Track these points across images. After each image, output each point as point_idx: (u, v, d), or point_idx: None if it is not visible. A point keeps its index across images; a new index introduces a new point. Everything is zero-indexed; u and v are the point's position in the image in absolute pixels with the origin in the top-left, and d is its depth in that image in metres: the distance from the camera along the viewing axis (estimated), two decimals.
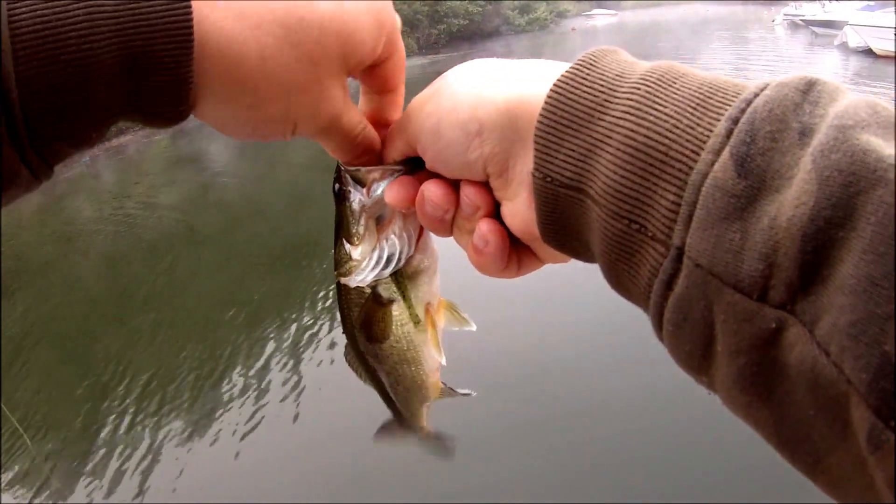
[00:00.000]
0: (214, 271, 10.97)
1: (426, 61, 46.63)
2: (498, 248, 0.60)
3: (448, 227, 0.63)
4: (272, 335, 8.25)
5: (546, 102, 0.50)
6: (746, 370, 0.40)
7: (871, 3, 31.50)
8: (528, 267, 0.64)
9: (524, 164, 0.53)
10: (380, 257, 0.68)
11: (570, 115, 0.49)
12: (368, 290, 0.71)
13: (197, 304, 10.03)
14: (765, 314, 0.38)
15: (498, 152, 0.55)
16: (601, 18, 74.10)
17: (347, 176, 0.68)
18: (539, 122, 0.50)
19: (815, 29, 34.98)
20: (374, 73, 0.66)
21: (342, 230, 0.70)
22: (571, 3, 69.95)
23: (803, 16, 38.24)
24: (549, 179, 0.50)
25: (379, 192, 0.66)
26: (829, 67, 24.87)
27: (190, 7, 0.48)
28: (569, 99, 0.49)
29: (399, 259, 0.68)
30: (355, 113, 0.65)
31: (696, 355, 0.44)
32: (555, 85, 0.50)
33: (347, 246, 0.69)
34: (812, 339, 0.34)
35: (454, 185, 0.62)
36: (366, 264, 0.69)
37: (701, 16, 64.58)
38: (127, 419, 6.95)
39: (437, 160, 0.61)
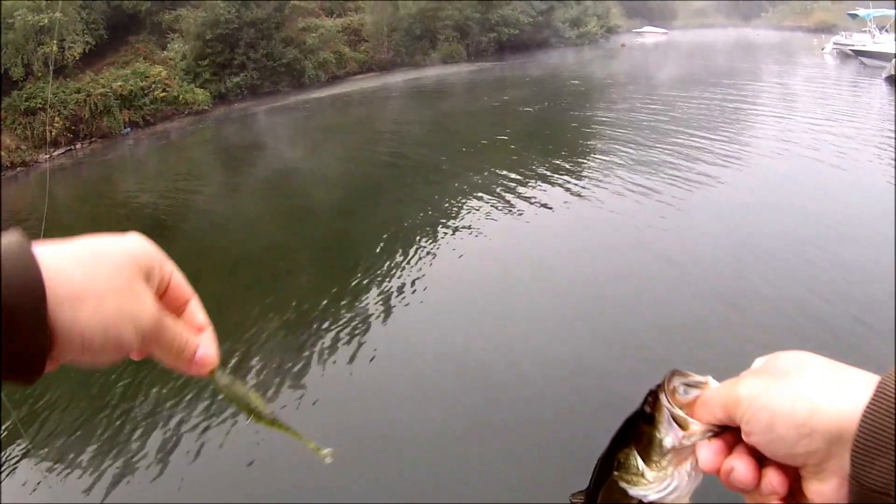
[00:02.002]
0: None
1: (474, 68, 46.84)
2: None
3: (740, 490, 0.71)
4: None
5: (861, 425, 0.58)
6: None
7: None
8: None
9: (841, 461, 0.61)
10: (668, 485, 0.75)
11: (880, 439, 0.57)
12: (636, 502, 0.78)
13: None
14: None
15: (822, 449, 0.62)
16: (651, 36, 73.79)
17: (668, 412, 0.74)
18: (855, 442, 0.59)
19: (864, 60, 34.72)
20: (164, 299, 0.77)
21: (642, 449, 0.76)
22: (622, 19, 69.65)
23: (853, 45, 37.98)
24: (864, 486, 0.58)
25: (689, 442, 0.72)
26: (876, 98, 24.65)
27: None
28: (880, 426, 0.58)
29: (681, 493, 0.75)
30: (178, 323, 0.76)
31: None
32: (866, 411, 0.59)
33: (641, 464, 0.76)
34: None
35: (759, 460, 0.69)
36: (654, 487, 0.76)
37: (750, 39, 64.08)
38: None
39: (761, 445, 0.67)
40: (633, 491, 0.77)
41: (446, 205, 13.95)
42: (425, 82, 41.07)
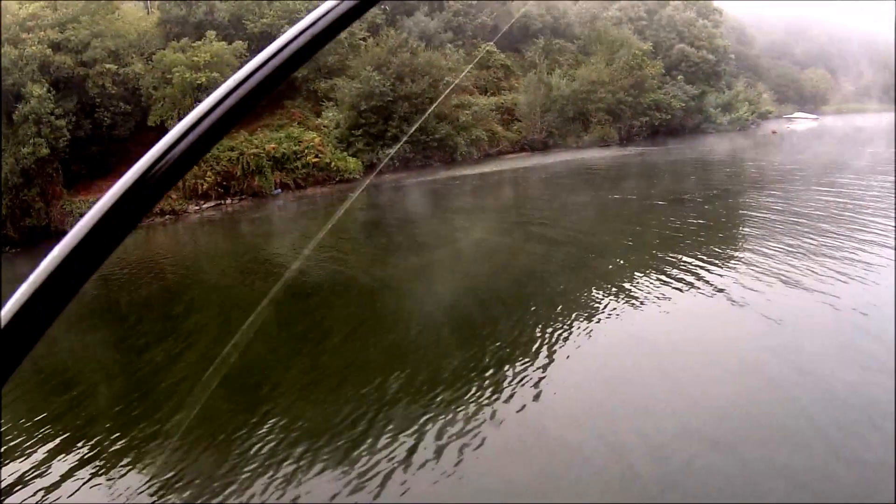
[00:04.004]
0: None
1: (627, 152, 46.01)
2: None
3: None
4: None
5: None
6: None
7: None
8: None
9: None
10: None
11: None
12: None
13: None
14: None
15: None
16: (802, 122, 71.25)
17: None
18: None
19: None
20: None
21: None
22: (773, 105, 67.60)
23: None
24: None
25: None
26: None
27: None
28: None
29: None
30: None
31: None
32: None
33: None
34: None
35: None
36: None
37: None
38: None
39: None
40: None
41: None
42: (576, 165, 40.43)
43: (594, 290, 13.07)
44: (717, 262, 14.55)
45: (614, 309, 11.88)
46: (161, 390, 10.02)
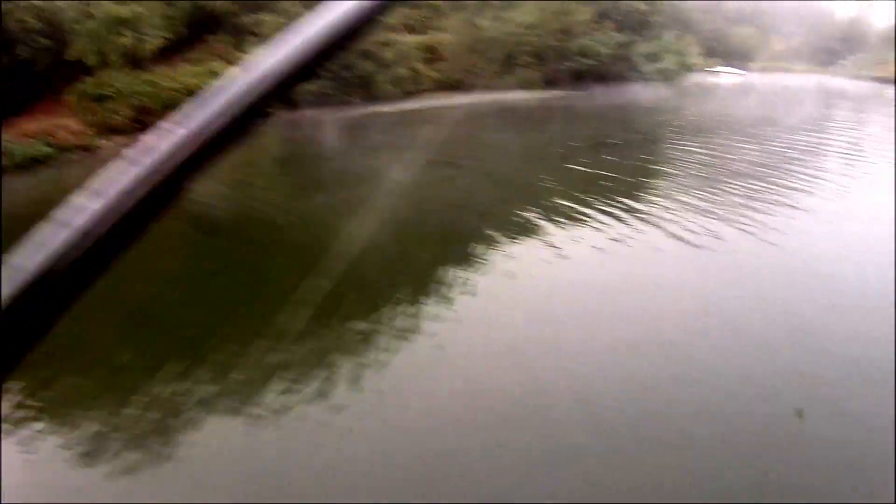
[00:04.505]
0: None
1: (548, 95, 46.57)
2: None
3: None
4: None
5: None
6: None
7: None
8: None
9: None
10: None
11: None
12: None
13: None
14: None
15: None
16: (728, 76, 72.79)
17: None
18: None
19: None
20: None
21: None
22: (700, 58, 68.50)
23: None
24: None
25: None
26: None
27: None
28: None
29: None
30: None
31: None
32: None
33: None
34: None
35: None
36: None
37: (825, 86, 64.63)
38: None
39: None
40: None
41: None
42: (498, 106, 40.85)
43: (513, 231, 13.43)
44: (637, 203, 15.16)
45: (531, 249, 12.31)
46: None
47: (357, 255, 11.87)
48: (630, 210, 14.58)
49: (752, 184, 17.21)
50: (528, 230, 13.41)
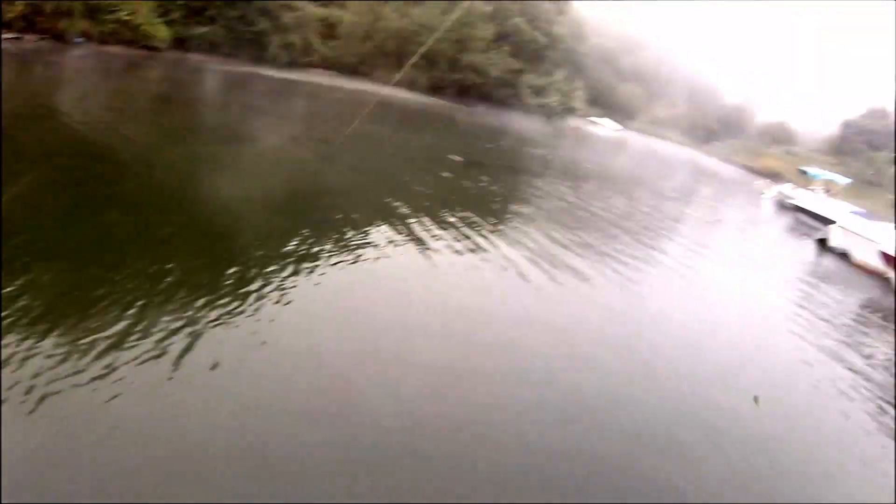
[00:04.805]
0: None
1: (430, 101, 47.79)
2: None
3: None
4: None
5: None
6: None
7: (863, 211, 32.26)
8: None
9: None
10: None
11: None
12: None
13: None
14: None
15: None
16: (605, 129, 75.94)
17: None
18: None
19: (801, 217, 35.07)
20: None
21: None
22: (582, 104, 71.05)
23: (794, 200, 38.26)
24: None
25: None
26: (800, 257, 25.11)
27: None
28: None
29: None
30: None
31: None
32: None
33: None
34: None
35: None
36: None
37: (697, 163, 65.78)
38: None
39: None
40: None
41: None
42: (370, 97, 40.97)
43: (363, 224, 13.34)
44: (496, 227, 15.67)
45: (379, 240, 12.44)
46: None
47: (206, 211, 11.95)
48: (489, 231, 15.11)
49: (610, 232, 18.45)
50: (381, 221, 13.75)
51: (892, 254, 22.02)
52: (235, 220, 11.86)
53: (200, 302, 8.01)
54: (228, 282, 8.77)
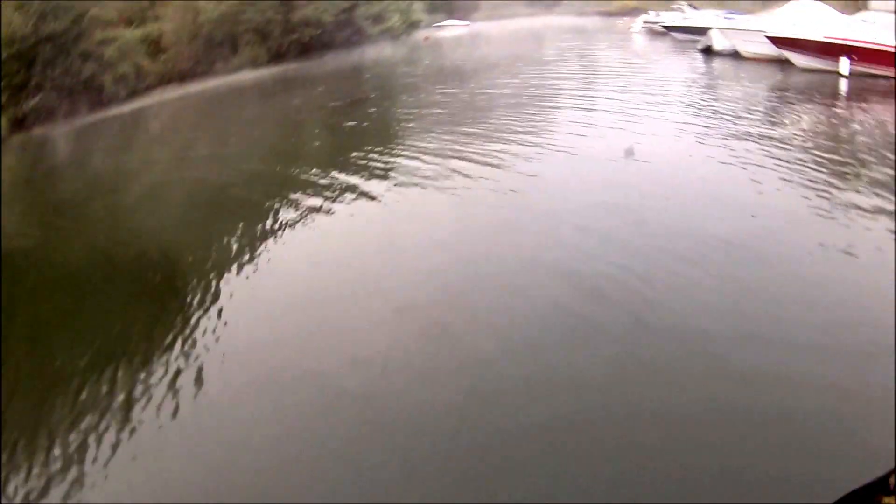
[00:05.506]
0: None
1: (276, 71, 47.45)
2: None
3: None
4: None
5: None
6: None
7: (732, 11, 33.27)
8: None
9: None
10: None
11: None
12: None
13: None
14: None
15: None
16: (453, 29, 76.52)
17: None
18: None
19: (676, 35, 36.05)
20: None
21: None
22: (424, 14, 71.31)
23: (663, 22, 38.95)
24: None
25: None
26: (693, 67, 25.65)
27: None
28: None
29: None
30: None
31: None
32: None
33: None
34: None
35: None
36: None
37: (554, 26, 65.43)
38: None
39: None
40: None
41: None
42: (225, 89, 41.46)
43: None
44: (385, 156, 15.93)
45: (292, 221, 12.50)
46: None
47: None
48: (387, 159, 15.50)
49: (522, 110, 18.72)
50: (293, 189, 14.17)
51: (780, 35, 22.26)
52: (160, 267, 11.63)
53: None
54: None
